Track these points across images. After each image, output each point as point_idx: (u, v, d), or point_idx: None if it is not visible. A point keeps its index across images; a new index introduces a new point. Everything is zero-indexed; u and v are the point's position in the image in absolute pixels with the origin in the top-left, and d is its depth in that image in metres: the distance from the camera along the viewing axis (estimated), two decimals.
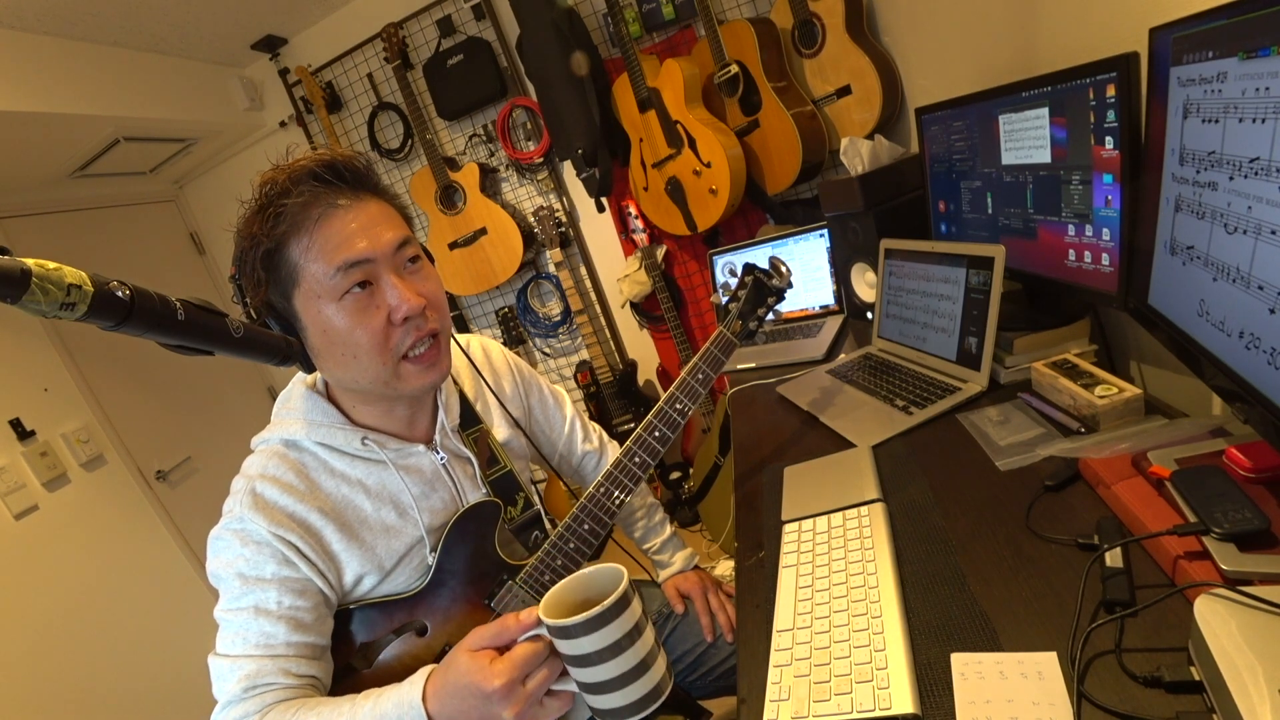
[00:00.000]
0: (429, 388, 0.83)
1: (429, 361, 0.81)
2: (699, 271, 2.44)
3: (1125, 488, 0.68)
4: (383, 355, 0.77)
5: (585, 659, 0.56)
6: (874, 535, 0.76)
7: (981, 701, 0.52)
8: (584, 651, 0.56)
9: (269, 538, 0.75)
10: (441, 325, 0.82)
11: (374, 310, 0.76)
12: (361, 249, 0.74)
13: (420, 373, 0.80)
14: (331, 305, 0.74)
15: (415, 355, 0.79)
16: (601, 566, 0.61)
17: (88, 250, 2.50)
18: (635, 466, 0.91)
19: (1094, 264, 0.92)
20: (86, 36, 1.98)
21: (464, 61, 2.33)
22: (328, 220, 0.74)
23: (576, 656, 0.57)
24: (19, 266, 0.38)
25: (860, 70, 1.82)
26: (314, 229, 0.73)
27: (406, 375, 0.80)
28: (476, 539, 0.87)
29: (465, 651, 0.62)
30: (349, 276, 0.74)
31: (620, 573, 0.58)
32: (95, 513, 2.22)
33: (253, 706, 0.71)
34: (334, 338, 0.76)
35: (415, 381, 0.80)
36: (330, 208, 0.74)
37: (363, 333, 0.75)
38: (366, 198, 0.78)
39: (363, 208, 0.77)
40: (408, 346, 0.78)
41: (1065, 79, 0.88)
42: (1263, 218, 0.55)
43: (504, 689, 0.58)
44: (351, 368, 0.78)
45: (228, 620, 0.75)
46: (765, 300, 1.01)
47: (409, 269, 0.80)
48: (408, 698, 0.65)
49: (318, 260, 0.73)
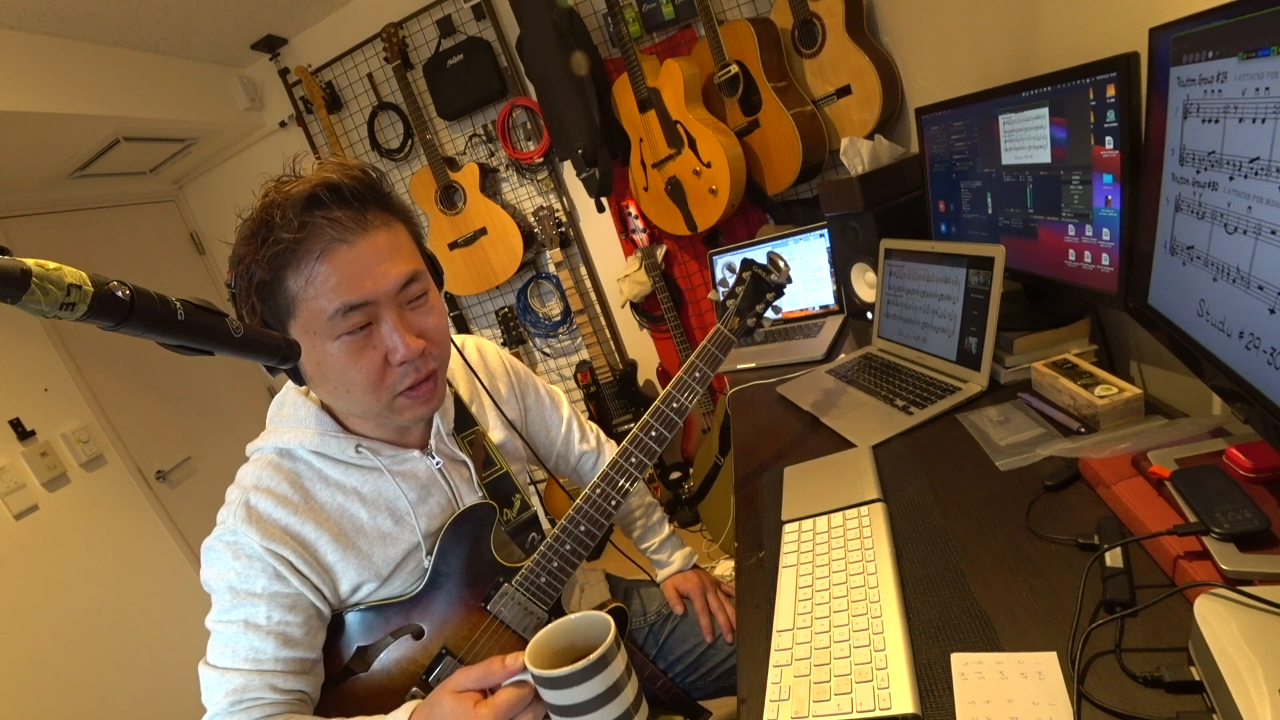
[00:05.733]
0: (422, 419, 0.83)
1: (424, 396, 0.79)
2: (699, 271, 2.44)
3: (1125, 488, 0.68)
4: (377, 393, 0.76)
5: (569, 709, 0.58)
6: (874, 535, 0.76)
7: (981, 701, 0.52)
8: (569, 702, 0.57)
9: (261, 552, 0.75)
10: (439, 362, 0.81)
11: (371, 350, 0.74)
12: (365, 290, 0.71)
13: (414, 406, 0.79)
14: (328, 342, 0.72)
15: (410, 391, 0.78)
16: (588, 614, 0.62)
17: (88, 250, 2.50)
18: (632, 467, 0.91)
19: (1094, 264, 0.92)
20: (86, 36, 1.98)
21: (464, 61, 2.33)
22: (330, 256, 0.70)
23: (561, 706, 0.58)
24: (19, 266, 0.38)
25: (860, 70, 1.82)
26: (315, 264, 0.69)
27: (400, 409, 0.79)
28: (472, 542, 0.87)
29: (450, 693, 0.62)
30: (348, 319, 0.71)
31: (607, 623, 0.59)
32: (95, 513, 2.22)
33: None
34: (327, 372, 0.74)
35: (409, 414, 0.80)
36: (333, 242, 0.70)
37: (357, 373, 0.74)
38: (374, 225, 0.73)
39: (369, 240, 0.72)
40: (404, 386, 0.77)
41: (1065, 79, 0.88)
42: (1263, 218, 0.55)
43: None
44: (343, 399, 0.78)
45: (218, 631, 0.75)
46: (764, 296, 0.99)
47: (412, 306, 0.77)
48: None
49: (317, 298, 0.70)
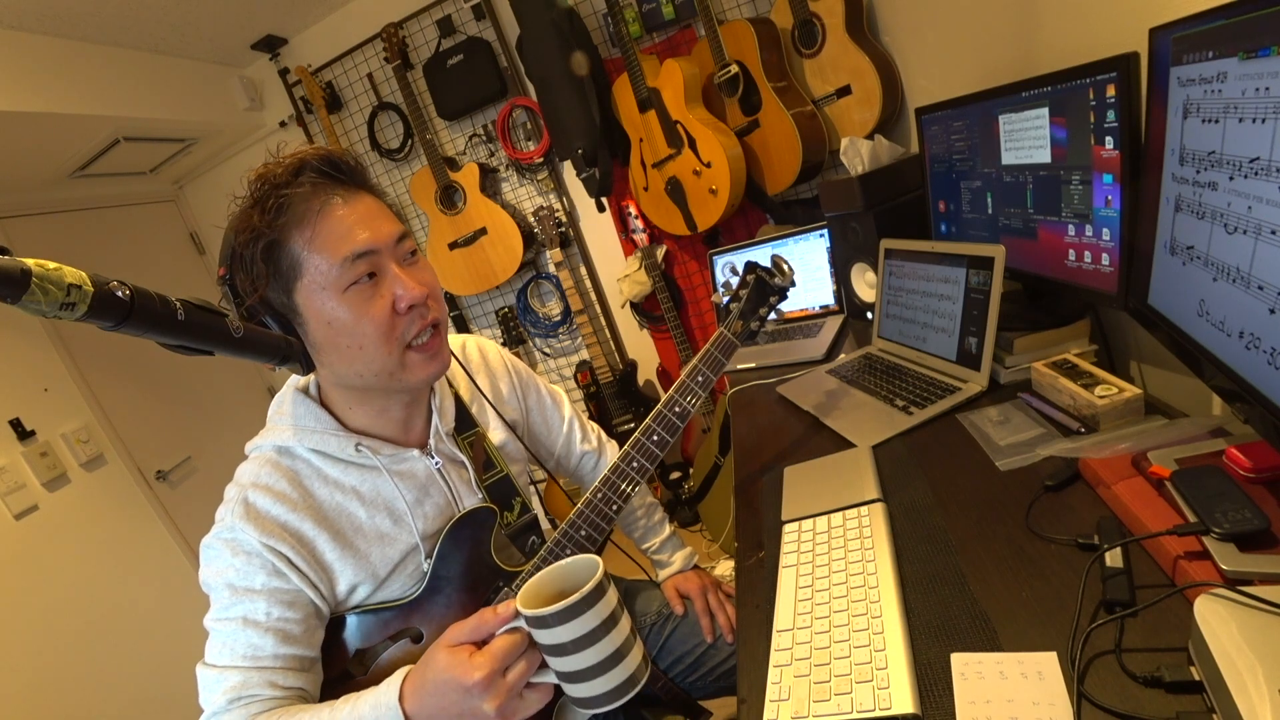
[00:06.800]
0: (432, 378, 0.83)
1: (432, 350, 0.81)
2: (699, 271, 2.44)
3: (1125, 488, 0.68)
4: (389, 344, 0.77)
5: (562, 648, 0.58)
6: (874, 535, 0.76)
7: (981, 701, 0.52)
8: (561, 640, 0.57)
9: (260, 548, 0.75)
10: (441, 315, 0.83)
11: (378, 300, 0.76)
12: (366, 240, 0.74)
13: (424, 362, 0.80)
14: (335, 297, 0.74)
15: (419, 344, 0.80)
16: (578, 557, 0.62)
17: (88, 250, 2.51)
18: (634, 471, 0.90)
19: (1094, 264, 0.92)
20: (86, 36, 1.98)
21: (464, 61, 2.33)
22: (328, 213, 0.74)
23: (554, 646, 0.58)
24: (19, 266, 0.38)
25: (860, 70, 1.82)
26: (316, 221, 0.73)
27: (411, 365, 0.80)
28: (472, 545, 0.86)
29: (444, 648, 0.62)
30: (355, 268, 0.74)
31: (596, 563, 0.60)
32: (95, 513, 2.22)
33: (236, 718, 0.71)
34: (339, 329, 0.75)
35: (420, 371, 0.80)
36: (329, 201, 0.74)
37: (368, 322, 0.75)
38: (362, 193, 0.79)
39: (360, 201, 0.77)
40: (413, 335, 0.79)
41: (1065, 79, 0.88)
42: (1263, 218, 0.55)
43: (484, 681, 0.58)
44: (357, 360, 0.78)
45: (216, 630, 0.75)
46: (767, 300, 0.99)
47: (409, 260, 0.80)
48: (384, 699, 0.65)
49: (322, 252, 0.73)
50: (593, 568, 0.59)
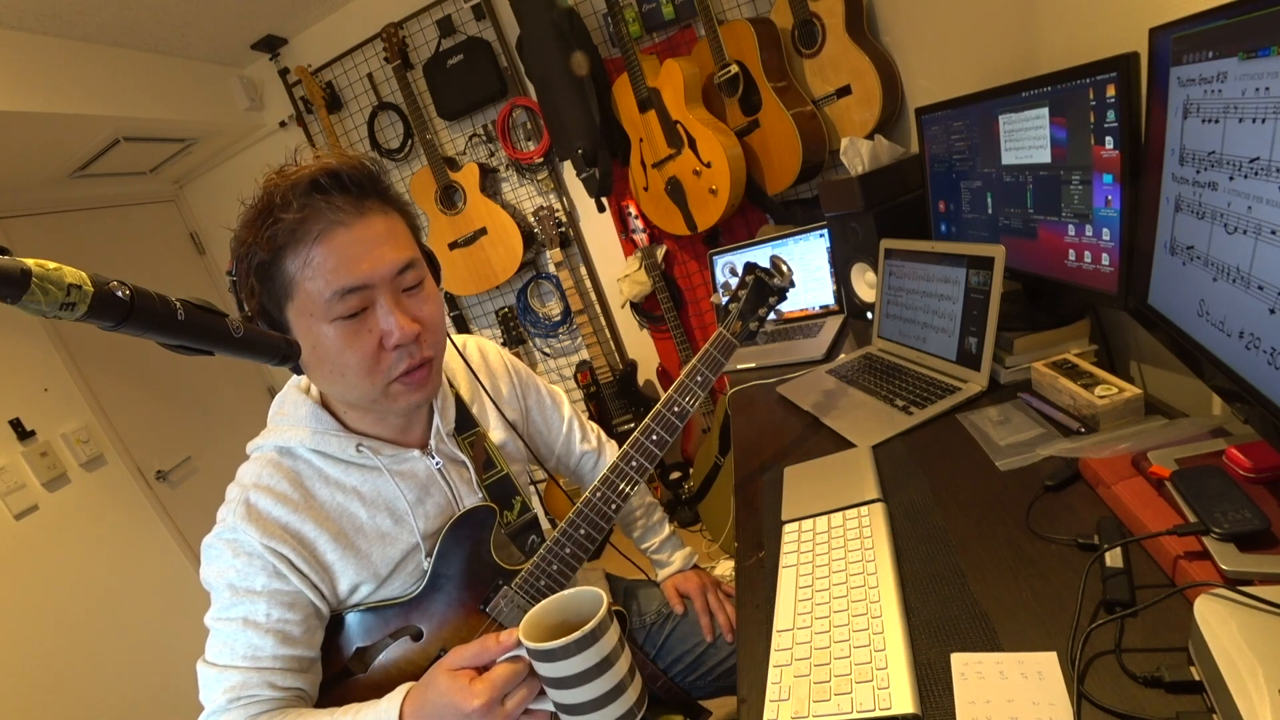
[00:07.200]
0: (416, 407, 0.83)
1: (418, 382, 0.79)
2: (699, 271, 2.44)
3: (1125, 488, 0.68)
4: (371, 377, 0.76)
5: (563, 681, 0.58)
6: (874, 535, 0.76)
7: (981, 701, 0.52)
8: (561, 674, 0.58)
9: (260, 549, 0.75)
10: (435, 351, 0.81)
11: (365, 334, 0.74)
12: (361, 273, 0.72)
13: (408, 392, 0.79)
14: (323, 324, 0.73)
15: (404, 377, 0.78)
16: (582, 590, 0.63)
17: (88, 250, 2.50)
18: (633, 471, 0.90)
19: (1094, 264, 0.92)
20: (86, 36, 1.98)
21: (464, 61, 2.33)
22: (328, 238, 0.71)
23: (555, 679, 0.59)
24: (19, 266, 0.38)
25: (860, 70, 1.82)
26: (313, 246, 0.70)
27: (395, 395, 0.79)
28: (472, 544, 0.87)
29: (444, 671, 0.63)
30: (345, 302, 0.72)
31: (599, 597, 0.60)
32: (95, 513, 2.22)
33: (235, 717, 0.71)
34: (323, 355, 0.74)
35: (403, 401, 0.80)
36: (331, 225, 0.71)
37: (352, 355, 0.74)
38: (372, 212, 0.75)
39: (366, 225, 0.73)
40: (399, 372, 0.77)
41: (1065, 79, 0.88)
42: (1263, 218, 0.55)
43: (483, 708, 0.59)
44: (338, 384, 0.78)
45: (217, 629, 0.75)
46: (766, 300, 0.99)
47: (408, 293, 0.78)
48: (385, 715, 0.66)
49: (314, 279, 0.71)
50: (596, 602, 0.60)
